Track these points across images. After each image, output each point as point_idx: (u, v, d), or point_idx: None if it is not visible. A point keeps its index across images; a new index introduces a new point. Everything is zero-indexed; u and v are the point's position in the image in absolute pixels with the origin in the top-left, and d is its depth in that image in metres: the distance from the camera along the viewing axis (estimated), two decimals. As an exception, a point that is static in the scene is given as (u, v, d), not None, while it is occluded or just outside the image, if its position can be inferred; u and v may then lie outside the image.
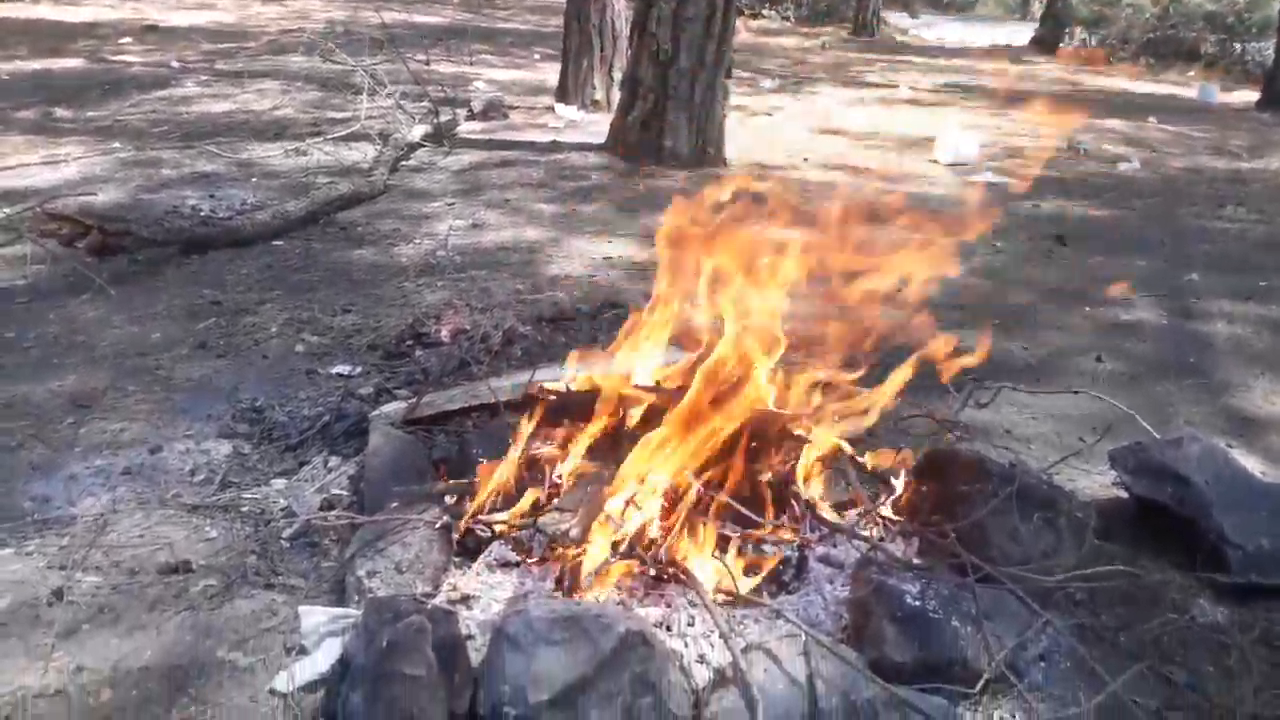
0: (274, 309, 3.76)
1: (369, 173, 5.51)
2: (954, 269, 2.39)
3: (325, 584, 2.17)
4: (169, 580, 2.15)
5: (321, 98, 7.88)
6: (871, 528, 2.31)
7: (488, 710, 1.75)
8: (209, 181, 5.44)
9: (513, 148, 6.66)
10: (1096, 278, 4.54)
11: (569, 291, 4.04)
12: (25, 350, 3.34)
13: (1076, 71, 13.52)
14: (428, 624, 1.75)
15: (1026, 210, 5.74)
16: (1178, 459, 2.38)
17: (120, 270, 4.04)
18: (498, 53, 11.24)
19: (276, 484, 2.56)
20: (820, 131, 7.85)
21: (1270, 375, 3.49)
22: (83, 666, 1.90)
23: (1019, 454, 2.82)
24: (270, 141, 6.37)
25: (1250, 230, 5.49)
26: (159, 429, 2.84)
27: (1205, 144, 8.15)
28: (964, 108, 9.48)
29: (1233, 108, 10.46)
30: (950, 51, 15.41)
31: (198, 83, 8.30)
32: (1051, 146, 7.63)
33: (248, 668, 1.91)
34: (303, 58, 9.29)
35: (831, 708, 1.75)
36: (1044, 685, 1.93)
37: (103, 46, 9.87)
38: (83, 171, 5.51)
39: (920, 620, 1.90)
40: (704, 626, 1.98)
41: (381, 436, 2.53)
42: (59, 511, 2.41)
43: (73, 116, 6.88)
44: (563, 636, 1.75)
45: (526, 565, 2.17)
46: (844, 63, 12.79)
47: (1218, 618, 2.12)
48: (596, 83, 7.81)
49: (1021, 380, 3.32)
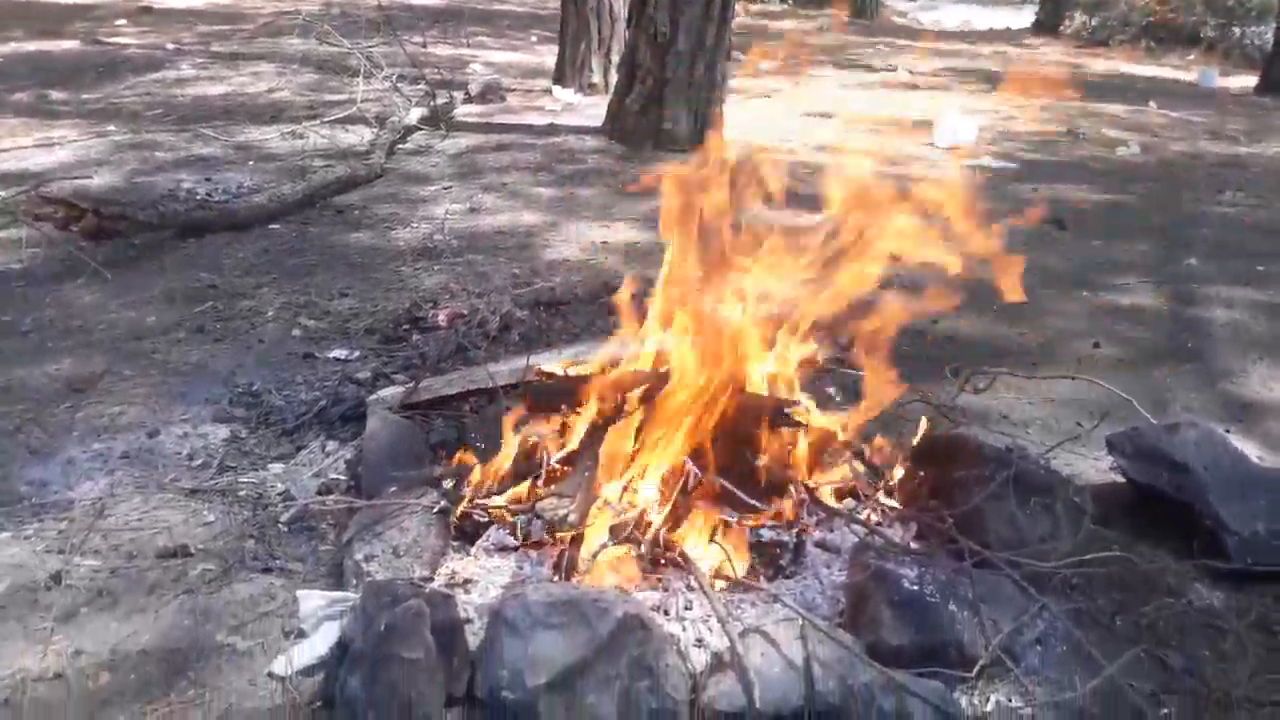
0: (271, 293, 3.75)
1: (366, 156, 5.49)
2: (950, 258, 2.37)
3: (323, 568, 2.17)
4: (167, 564, 2.16)
5: (318, 80, 7.84)
6: (869, 513, 2.31)
7: (485, 693, 1.75)
8: (205, 165, 5.42)
9: (510, 131, 6.62)
10: (1095, 262, 4.53)
11: (566, 276, 4.03)
12: (22, 334, 3.33)
13: (1076, 54, 13.46)
14: (425, 608, 1.75)
15: (1025, 194, 5.73)
16: (1175, 444, 2.38)
17: (116, 254, 4.03)
18: (494, 35, 11.18)
19: (274, 468, 2.56)
20: (819, 114, 7.81)
21: (1268, 360, 3.49)
22: (81, 650, 1.90)
23: (1016, 439, 2.83)
24: (266, 124, 6.34)
25: (1249, 215, 5.48)
26: (156, 413, 2.84)
27: (1204, 128, 8.12)
28: (963, 91, 9.45)
29: (1232, 92, 10.42)
30: (949, 34, 15.33)
31: (193, 65, 8.25)
32: (1051, 131, 7.61)
33: (246, 651, 1.92)
34: (299, 40, 9.24)
35: (828, 691, 1.76)
36: (1040, 669, 1.94)
37: (98, 28, 9.80)
38: (78, 154, 5.48)
39: (917, 605, 1.90)
40: (701, 610, 1.98)
41: (379, 421, 2.53)
42: (57, 496, 2.41)
43: (68, 99, 6.85)
44: (560, 620, 1.75)
45: (524, 549, 2.18)
46: (843, 45, 12.73)
47: (1214, 602, 2.13)
48: (594, 65, 7.76)
49: (1019, 365, 3.32)
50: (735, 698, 1.74)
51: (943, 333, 3.63)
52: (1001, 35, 15.62)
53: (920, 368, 3.28)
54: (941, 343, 3.52)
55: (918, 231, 2.29)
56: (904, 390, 2.50)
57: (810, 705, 1.75)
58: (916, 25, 16.80)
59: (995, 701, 1.85)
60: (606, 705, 1.68)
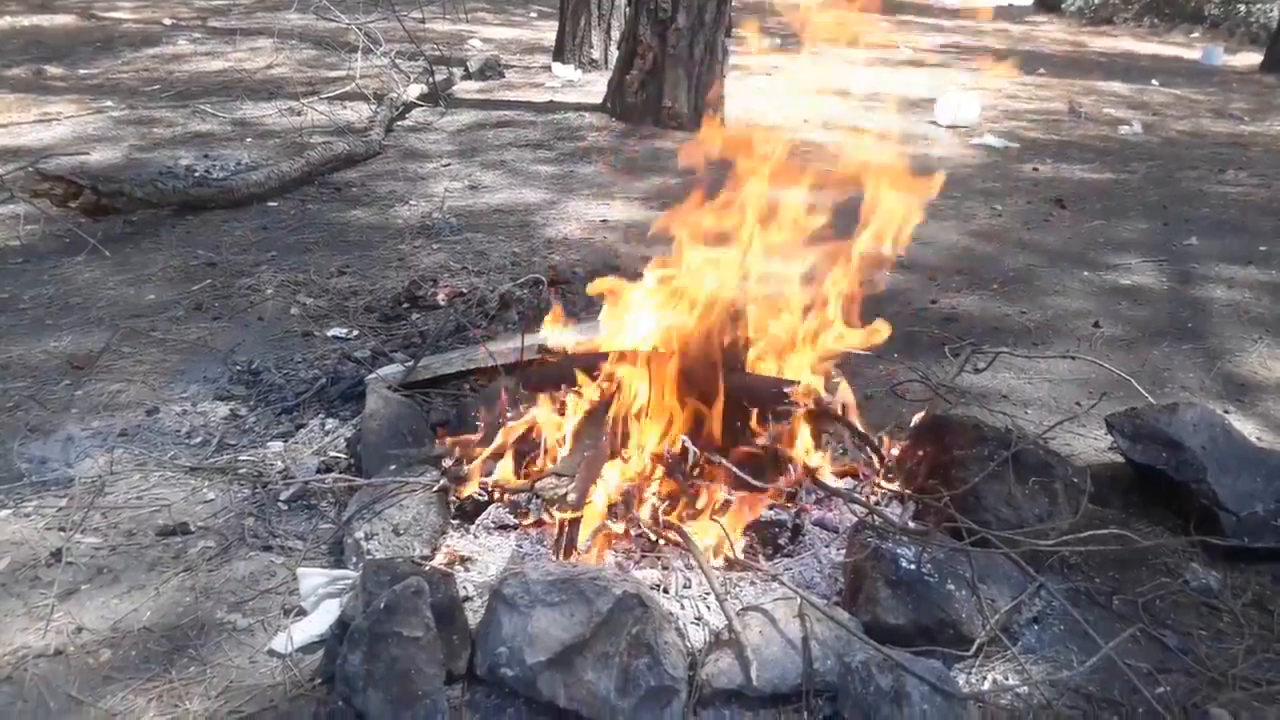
0: (270, 270, 3.74)
1: (365, 133, 5.46)
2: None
3: (323, 546, 2.18)
4: (167, 542, 2.16)
5: (316, 56, 7.80)
6: (868, 492, 2.32)
7: (485, 670, 1.76)
8: (203, 141, 5.39)
9: (509, 108, 6.59)
10: (1096, 241, 4.52)
11: (566, 254, 4.02)
12: (21, 311, 3.32)
13: (1078, 32, 13.38)
14: (425, 586, 1.76)
15: (1026, 173, 5.71)
16: (1173, 425, 2.39)
17: (115, 231, 4.02)
18: (494, 10, 11.10)
19: (273, 446, 2.56)
20: (820, 92, 7.77)
21: (1268, 340, 3.49)
22: (82, 627, 1.91)
23: (1015, 418, 2.83)
24: (265, 101, 6.30)
25: (1251, 194, 5.46)
26: (156, 391, 2.84)
27: (1207, 107, 8.08)
28: (965, 68, 9.39)
29: (1236, 70, 10.35)
30: (952, 11, 15.23)
31: (190, 40, 8.20)
32: (1053, 109, 7.57)
33: (246, 629, 1.93)
34: (296, 15, 9.16)
35: (826, 670, 1.77)
36: (1038, 648, 1.95)
37: (94, 2, 9.73)
38: (75, 130, 5.46)
39: (915, 584, 1.91)
40: (700, 589, 1.99)
41: (378, 399, 2.53)
42: (57, 473, 2.41)
43: (64, 74, 6.80)
44: (560, 598, 1.76)
45: (524, 528, 2.18)
46: (844, 23, 12.63)
47: (1210, 582, 2.13)
48: (594, 41, 7.72)
49: (1019, 345, 3.33)
50: (733, 675, 1.75)
51: (942, 312, 3.63)
52: (1004, 12, 15.51)
53: (920, 347, 3.28)
54: (941, 322, 3.52)
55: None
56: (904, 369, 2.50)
57: (808, 683, 1.76)
58: (919, 1, 16.67)
59: (993, 680, 1.86)
60: (605, 682, 1.69)
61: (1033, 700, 1.81)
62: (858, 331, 2.42)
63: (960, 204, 5.00)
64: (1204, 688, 1.86)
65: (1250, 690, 1.85)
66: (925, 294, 3.80)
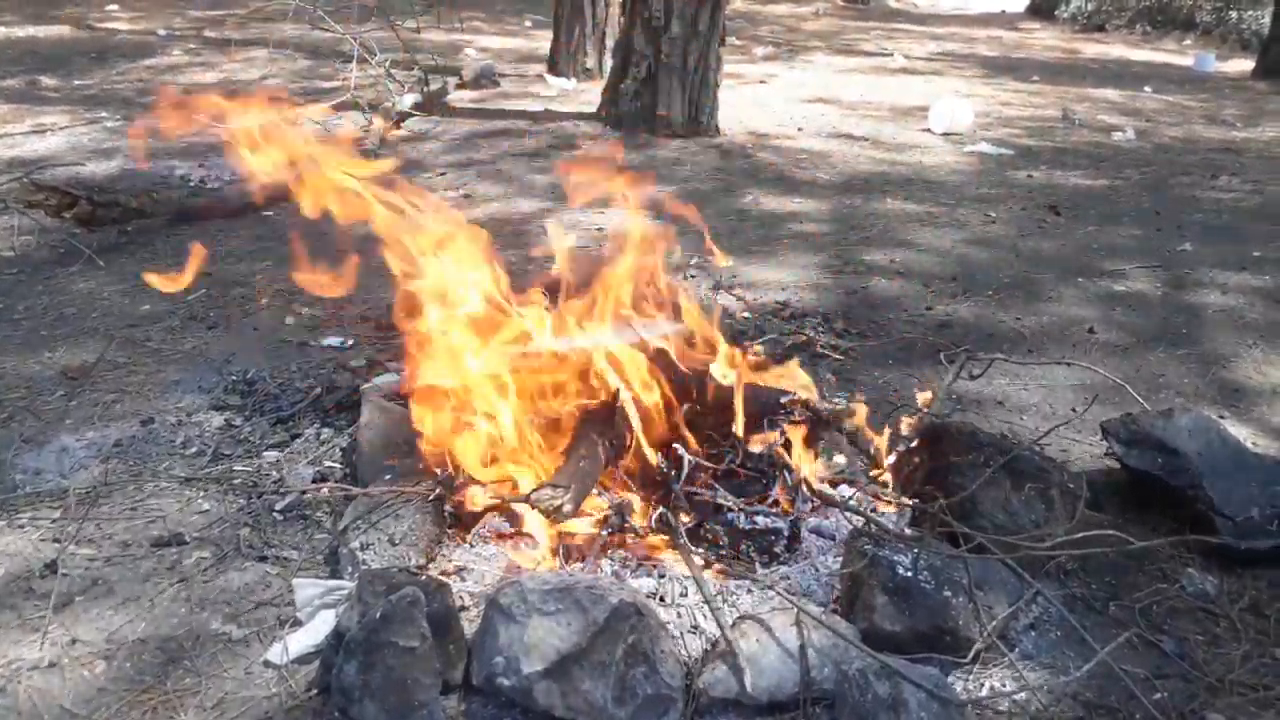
0: (265, 280, 3.73)
1: (359, 143, 5.46)
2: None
3: (319, 556, 2.17)
4: (162, 553, 2.16)
5: (311, 66, 7.81)
6: (864, 499, 2.32)
7: (482, 680, 1.76)
8: (198, 151, 5.39)
9: (504, 117, 6.60)
10: (1090, 248, 4.53)
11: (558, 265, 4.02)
12: (15, 322, 3.32)
13: (1071, 39, 13.42)
14: (421, 595, 1.75)
15: (1020, 180, 5.72)
16: (1169, 430, 2.39)
17: (109, 241, 4.02)
18: (489, 20, 11.12)
19: (269, 456, 2.56)
20: (814, 100, 7.79)
21: (1263, 346, 3.50)
22: (77, 639, 1.90)
23: (1011, 425, 2.83)
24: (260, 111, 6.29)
25: (1244, 200, 5.48)
26: (150, 401, 2.83)
27: (1200, 113, 8.11)
28: (958, 76, 9.42)
29: (1228, 77, 10.39)
30: (944, 19, 15.29)
31: (185, 51, 8.20)
32: (1047, 116, 7.60)
33: (242, 640, 1.92)
34: (291, 26, 9.17)
35: (823, 678, 1.76)
36: (1035, 654, 1.95)
37: (89, 13, 9.74)
38: (70, 141, 5.46)
39: (912, 591, 1.91)
40: (697, 597, 1.99)
41: (374, 409, 2.52)
42: (51, 484, 2.40)
43: (59, 85, 6.81)
44: (556, 607, 1.75)
45: (520, 537, 2.18)
46: (837, 30, 12.68)
47: (1207, 587, 2.13)
48: (589, 50, 7.74)
49: (1014, 351, 3.33)
50: (730, 684, 1.75)
51: (937, 319, 3.63)
52: (997, 19, 15.57)
53: (915, 354, 3.29)
54: (936, 329, 3.53)
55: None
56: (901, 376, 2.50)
57: (806, 691, 1.75)
58: (912, 9, 16.73)
59: (990, 686, 1.85)
60: (602, 691, 1.69)
61: (1030, 706, 1.81)
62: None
63: (954, 211, 5.01)
64: (1201, 693, 1.85)
65: (1247, 695, 1.85)
66: (920, 301, 3.80)
